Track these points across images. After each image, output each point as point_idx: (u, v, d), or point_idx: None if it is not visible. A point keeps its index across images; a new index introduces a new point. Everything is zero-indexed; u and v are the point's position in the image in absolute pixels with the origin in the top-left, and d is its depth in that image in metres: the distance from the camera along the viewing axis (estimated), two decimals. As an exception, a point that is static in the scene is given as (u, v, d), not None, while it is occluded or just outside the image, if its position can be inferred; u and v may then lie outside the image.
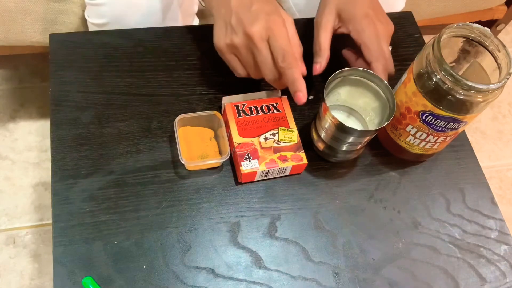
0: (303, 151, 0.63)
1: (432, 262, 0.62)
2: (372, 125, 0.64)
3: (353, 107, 0.66)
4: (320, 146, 0.64)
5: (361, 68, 0.60)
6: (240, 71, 0.63)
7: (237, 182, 0.63)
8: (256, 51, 0.59)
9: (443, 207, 0.66)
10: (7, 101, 1.32)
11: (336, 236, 0.62)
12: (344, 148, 0.62)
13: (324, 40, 0.65)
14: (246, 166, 0.61)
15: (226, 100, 0.65)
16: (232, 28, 0.59)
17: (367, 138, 0.61)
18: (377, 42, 0.64)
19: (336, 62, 0.67)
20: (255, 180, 0.63)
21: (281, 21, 0.59)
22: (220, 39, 0.61)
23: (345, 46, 0.70)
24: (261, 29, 0.58)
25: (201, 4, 0.70)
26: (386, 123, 0.58)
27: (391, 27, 0.66)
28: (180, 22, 0.83)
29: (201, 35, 0.74)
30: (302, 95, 0.59)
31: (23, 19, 0.97)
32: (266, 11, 0.59)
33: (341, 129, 0.58)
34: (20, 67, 1.37)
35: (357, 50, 0.67)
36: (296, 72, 0.59)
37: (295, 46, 0.61)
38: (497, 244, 0.65)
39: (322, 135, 0.63)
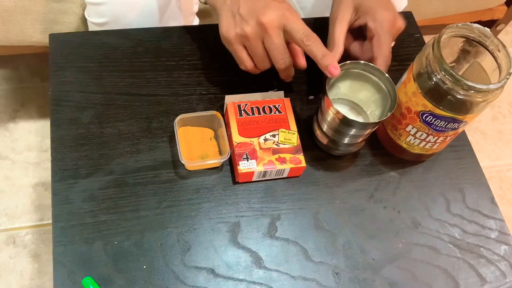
0: (302, 154, 0.63)
1: (432, 262, 0.62)
2: (374, 117, 0.64)
3: (353, 100, 0.66)
4: (323, 139, 0.65)
5: (362, 62, 0.60)
6: (247, 63, 0.62)
7: (236, 182, 0.63)
8: (269, 39, 0.59)
9: (443, 207, 0.66)
10: (7, 101, 1.32)
11: (336, 236, 0.62)
12: (346, 141, 0.63)
13: (339, 34, 0.65)
14: (243, 166, 0.61)
15: (229, 99, 0.65)
16: (242, 18, 0.59)
17: (368, 131, 0.61)
18: (389, 39, 0.64)
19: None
20: (253, 180, 0.63)
21: (291, 7, 0.60)
22: (229, 29, 0.60)
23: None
24: (276, 17, 0.58)
25: (200, 1, 0.69)
26: (390, 114, 0.58)
27: (403, 24, 0.66)
28: (180, 22, 0.83)
29: (201, 35, 0.74)
30: (334, 68, 0.58)
31: (23, 19, 0.97)
32: None
33: (344, 122, 0.59)
34: (20, 67, 1.37)
35: (356, 35, 0.66)
36: (323, 47, 0.59)
37: None
38: (497, 244, 0.65)
39: (325, 128, 0.63)
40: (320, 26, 0.67)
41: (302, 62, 0.65)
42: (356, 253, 0.61)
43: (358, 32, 0.68)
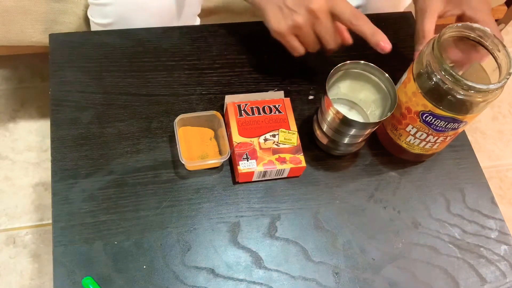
0: (302, 154, 0.63)
1: (432, 262, 0.62)
2: (374, 117, 0.64)
3: (353, 100, 0.66)
4: (323, 139, 0.65)
5: (362, 62, 0.61)
6: (300, 49, 0.65)
7: (236, 182, 0.63)
8: (319, 24, 0.61)
9: (443, 207, 0.66)
10: (7, 101, 1.32)
11: (336, 236, 0.62)
12: (346, 141, 0.63)
13: (429, 27, 0.66)
14: (244, 166, 0.61)
15: (229, 99, 0.65)
16: (290, 9, 0.61)
17: (368, 130, 0.61)
18: (492, 20, 0.65)
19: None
20: (253, 180, 0.63)
21: None
22: (280, 23, 0.62)
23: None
24: (323, 2, 0.60)
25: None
26: (390, 114, 0.58)
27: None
28: (183, 23, 0.83)
29: (201, 35, 0.74)
30: (386, 43, 0.60)
31: (23, 19, 0.97)
32: None
33: (344, 122, 0.59)
34: (20, 67, 1.37)
35: None
36: (372, 25, 0.61)
37: None
38: (497, 244, 0.65)
39: (325, 128, 0.63)
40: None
41: (348, 38, 0.67)
42: (356, 253, 0.61)
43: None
